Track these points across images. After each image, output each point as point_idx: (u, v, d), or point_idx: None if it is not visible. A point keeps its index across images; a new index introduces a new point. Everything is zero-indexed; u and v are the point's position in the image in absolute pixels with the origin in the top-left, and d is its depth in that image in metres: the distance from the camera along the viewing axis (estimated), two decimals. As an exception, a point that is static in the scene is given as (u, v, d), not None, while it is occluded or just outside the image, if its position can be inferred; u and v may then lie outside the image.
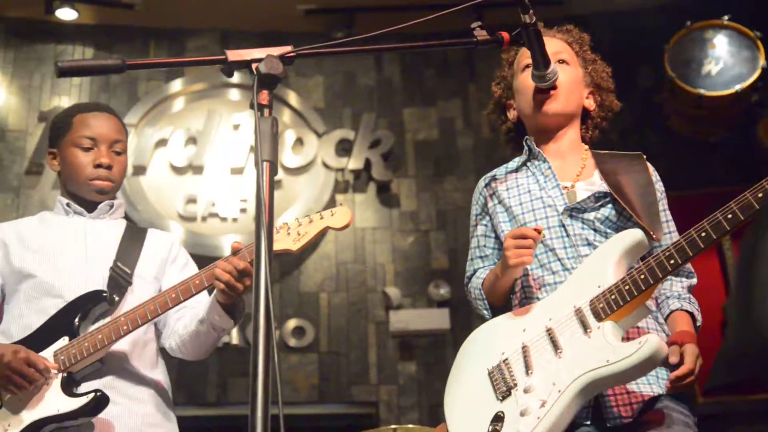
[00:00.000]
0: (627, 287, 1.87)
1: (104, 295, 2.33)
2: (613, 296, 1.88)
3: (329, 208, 2.27)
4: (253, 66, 1.53)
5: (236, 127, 5.63)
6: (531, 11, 1.85)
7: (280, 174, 5.47)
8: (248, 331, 5.07)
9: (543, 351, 1.93)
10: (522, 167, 2.27)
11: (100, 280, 2.37)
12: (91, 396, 2.20)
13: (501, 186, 2.26)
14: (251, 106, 1.50)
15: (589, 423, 1.94)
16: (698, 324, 2.08)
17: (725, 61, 5.08)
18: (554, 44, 2.24)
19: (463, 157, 5.74)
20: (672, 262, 1.85)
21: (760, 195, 1.78)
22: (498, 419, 1.90)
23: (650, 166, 2.22)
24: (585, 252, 2.06)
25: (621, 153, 2.25)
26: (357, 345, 5.29)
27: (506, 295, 2.17)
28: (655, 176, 2.21)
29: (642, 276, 1.87)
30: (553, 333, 1.94)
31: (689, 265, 2.14)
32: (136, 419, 2.31)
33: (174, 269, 2.52)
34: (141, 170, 5.45)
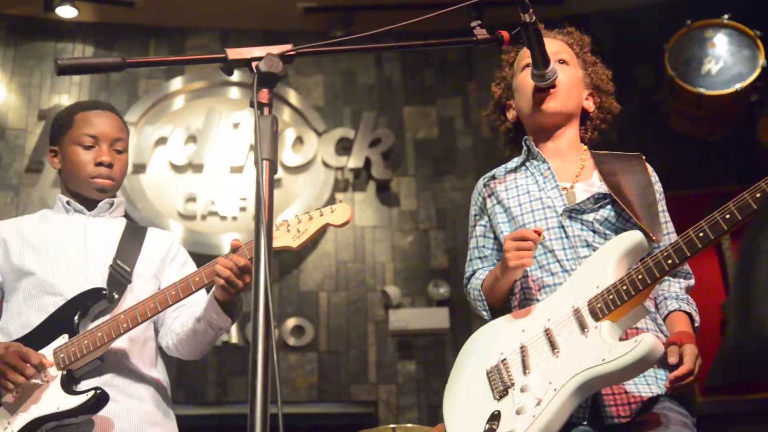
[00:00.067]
0: (625, 287, 1.87)
1: (104, 293, 2.33)
2: (611, 296, 1.88)
3: (329, 206, 2.27)
4: (253, 64, 1.53)
5: (236, 126, 5.63)
6: (531, 10, 1.85)
7: (280, 172, 5.47)
8: (247, 330, 5.06)
9: (541, 351, 1.93)
10: (521, 167, 2.26)
11: (100, 278, 2.37)
12: (91, 394, 2.20)
13: (500, 186, 2.25)
14: (251, 105, 1.50)
15: (587, 423, 1.93)
16: (696, 325, 2.08)
17: (725, 60, 5.08)
18: (555, 45, 2.25)
19: (463, 156, 5.74)
20: (670, 263, 1.85)
21: (758, 195, 1.78)
22: (494, 418, 1.90)
23: (649, 167, 2.21)
24: (584, 253, 2.06)
25: (620, 153, 2.24)
26: (356, 344, 5.28)
27: (506, 297, 2.17)
28: (654, 177, 2.20)
29: (640, 276, 1.86)
30: (551, 333, 1.94)
31: (687, 266, 2.15)
32: (136, 417, 2.31)
33: (173, 268, 2.52)
34: (141, 168, 5.45)
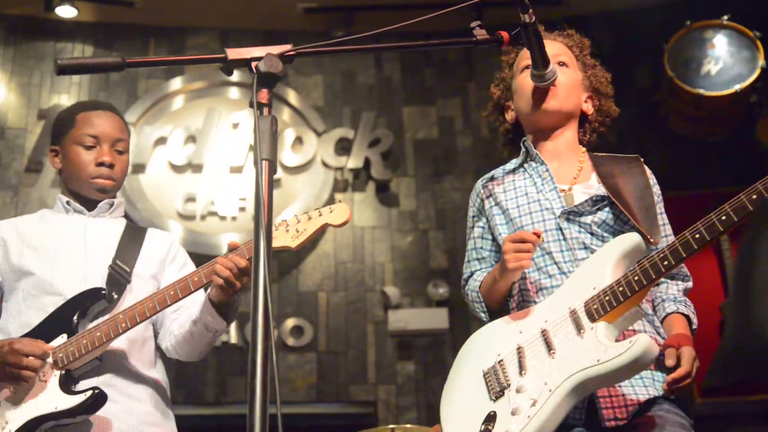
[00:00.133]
0: (621, 288, 1.87)
1: (103, 293, 2.33)
2: (607, 297, 1.88)
3: (328, 206, 2.27)
4: (253, 64, 1.53)
5: (235, 126, 5.62)
6: (530, 11, 1.85)
7: (280, 173, 5.47)
8: (247, 330, 5.06)
9: (537, 352, 1.93)
10: (519, 169, 2.26)
11: (99, 279, 2.37)
12: (89, 394, 2.20)
13: (498, 187, 2.25)
14: (251, 105, 1.50)
15: (583, 425, 1.93)
16: (694, 327, 2.08)
17: (725, 61, 5.08)
18: (555, 47, 2.24)
19: (463, 157, 5.74)
20: (666, 264, 1.85)
21: (754, 197, 1.78)
22: (490, 419, 1.90)
23: (647, 169, 2.21)
24: (582, 256, 2.06)
25: (618, 156, 2.24)
26: (355, 344, 5.28)
27: (504, 298, 2.17)
28: (653, 179, 2.20)
29: (636, 277, 1.87)
30: (548, 334, 1.94)
31: (685, 269, 2.15)
32: (134, 417, 2.31)
33: (173, 268, 2.52)
34: (140, 168, 5.45)
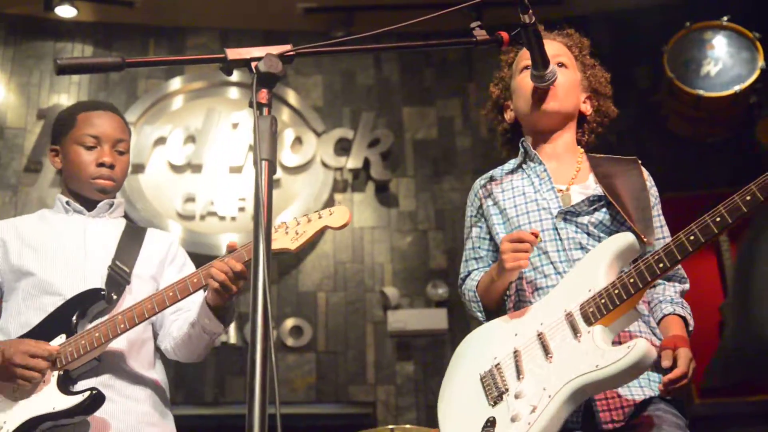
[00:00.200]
0: (617, 291, 1.87)
1: (102, 294, 2.33)
2: (603, 300, 1.87)
3: (328, 208, 2.27)
4: (253, 64, 1.53)
5: (235, 126, 5.62)
6: (530, 11, 1.85)
7: (279, 173, 5.47)
8: (246, 331, 5.07)
9: (534, 356, 1.93)
10: (518, 169, 2.26)
11: (99, 279, 2.37)
12: (87, 394, 2.20)
13: (496, 188, 2.25)
14: (250, 105, 1.50)
15: (581, 428, 1.93)
16: (690, 328, 2.08)
17: (724, 62, 5.08)
18: (554, 47, 2.24)
19: (462, 157, 5.74)
20: (661, 266, 1.84)
21: (748, 198, 1.77)
22: (490, 424, 1.90)
23: (645, 171, 2.22)
24: (578, 256, 2.05)
25: (616, 157, 2.25)
26: (355, 345, 5.28)
27: (501, 298, 2.17)
28: (650, 181, 2.21)
29: (631, 279, 1.86)
30: (544, 337, 1.93)
31: (682, 270, 2.15)
32: (133, 417, 2.31)
33: (172, 269, 2.52)
34: (140, 168, 5.45)
